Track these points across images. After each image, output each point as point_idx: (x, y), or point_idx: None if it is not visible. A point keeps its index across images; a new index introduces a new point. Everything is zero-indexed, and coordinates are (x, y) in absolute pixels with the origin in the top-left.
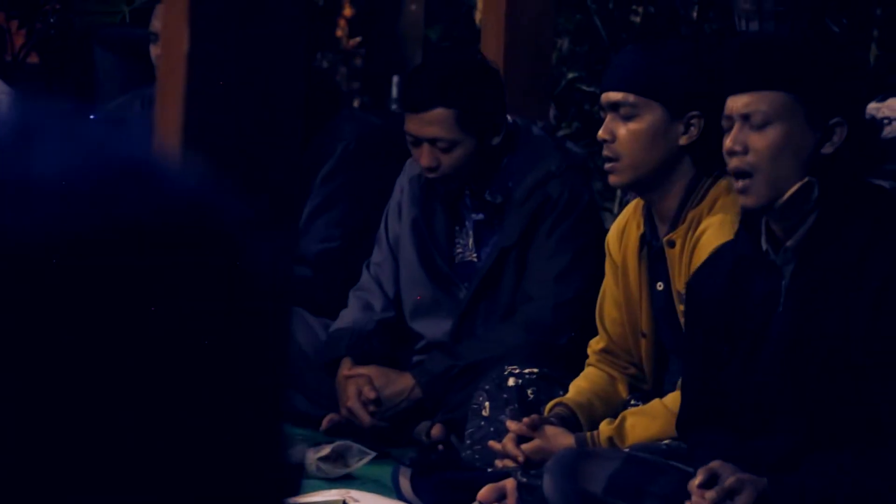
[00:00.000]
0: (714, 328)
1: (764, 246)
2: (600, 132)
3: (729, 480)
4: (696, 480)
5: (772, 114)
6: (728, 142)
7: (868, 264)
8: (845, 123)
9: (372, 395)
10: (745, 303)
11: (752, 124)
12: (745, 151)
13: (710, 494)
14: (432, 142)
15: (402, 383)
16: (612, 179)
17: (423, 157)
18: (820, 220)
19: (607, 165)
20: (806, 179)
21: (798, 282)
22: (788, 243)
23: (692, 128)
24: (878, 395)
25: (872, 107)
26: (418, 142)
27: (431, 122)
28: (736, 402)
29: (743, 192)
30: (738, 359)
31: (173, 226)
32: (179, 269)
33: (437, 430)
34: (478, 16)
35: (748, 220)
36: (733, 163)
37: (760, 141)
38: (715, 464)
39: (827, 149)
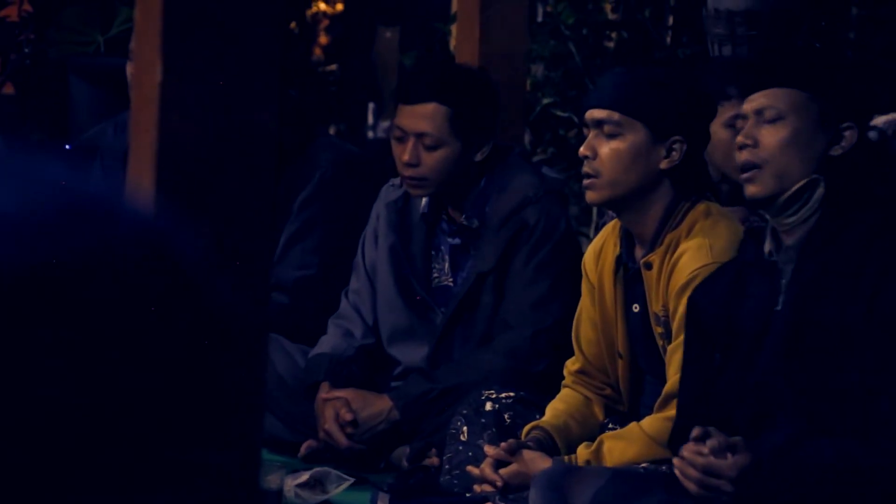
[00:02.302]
0: (711, 338)
1: (767, 248)
2: (582, 149)
3: (732, 439)
4: (692, 436)
5: (785, 109)
6: (739, 136)
7: (867, 262)
8: (856, 128)
9: (349, 416)
10: (745, 307)
11: (764, 119)
12: (756, 145)
13: (712, 442)
14: (419, 136)
15: (380, 405)
16: (590, 196)
17: (406, 153)
18: (822, 220)
19: (586, 181)
20: (812, 177)
21: (798, 279)
22: (790, 241)
23: (674, 152)
24: (875, 392)
25: (884, 119)
26: (405, 136)
27: (423, 116)
28: (733, 405)
29: (749, 181)
30: (736, 362)
31: (123, 259)
32: (128, 302)
33: (432, 454)
34: (452, 42)
35: (752, 229)
36: (743, 156)
37: (771, 135)
38: (710, 428)
39: (836, 151)
